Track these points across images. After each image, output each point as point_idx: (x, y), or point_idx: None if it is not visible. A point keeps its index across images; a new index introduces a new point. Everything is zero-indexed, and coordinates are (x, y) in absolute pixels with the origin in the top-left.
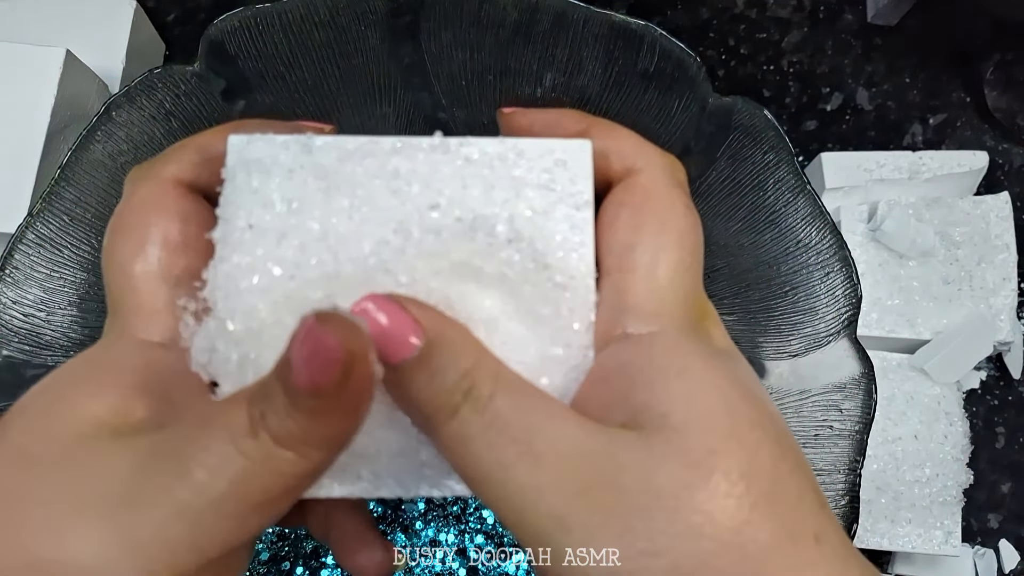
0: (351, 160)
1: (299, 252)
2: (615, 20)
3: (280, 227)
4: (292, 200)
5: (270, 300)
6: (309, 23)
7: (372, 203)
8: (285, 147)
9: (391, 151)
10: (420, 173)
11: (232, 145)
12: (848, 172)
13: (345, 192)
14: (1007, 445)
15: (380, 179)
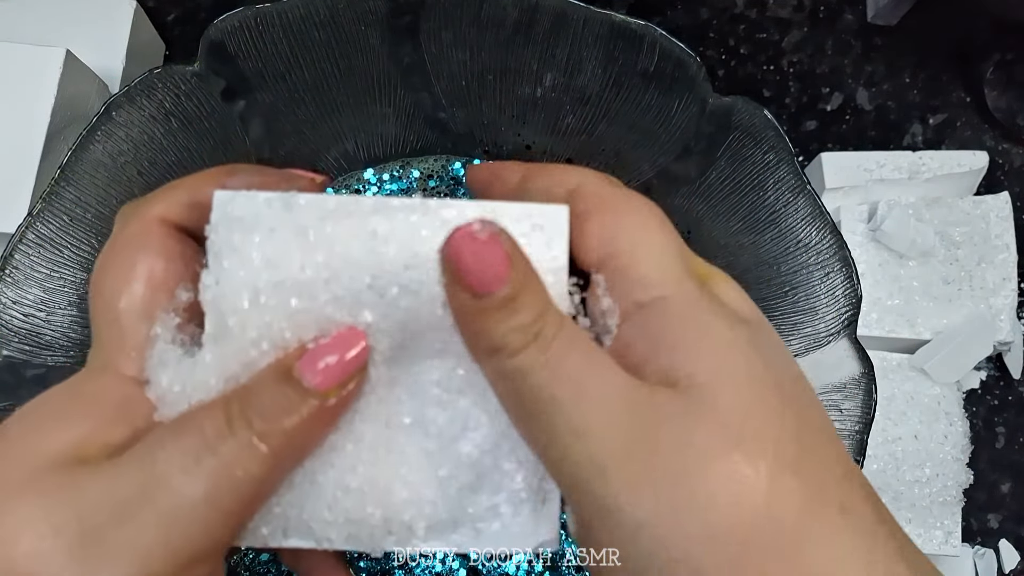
0: (331, 219)
1: (274, 305)
2: (615, 20)
3: (256, 283)
4: (271, 258)
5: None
6: (309, 23)
7: (348, 261)
8: (268, 205)
9: (371, 211)
10: (398, 233)
11: (217, 201)
12: (848, 172)
13: (322, 250)
14: (1007, 445)
15: (358, 239)
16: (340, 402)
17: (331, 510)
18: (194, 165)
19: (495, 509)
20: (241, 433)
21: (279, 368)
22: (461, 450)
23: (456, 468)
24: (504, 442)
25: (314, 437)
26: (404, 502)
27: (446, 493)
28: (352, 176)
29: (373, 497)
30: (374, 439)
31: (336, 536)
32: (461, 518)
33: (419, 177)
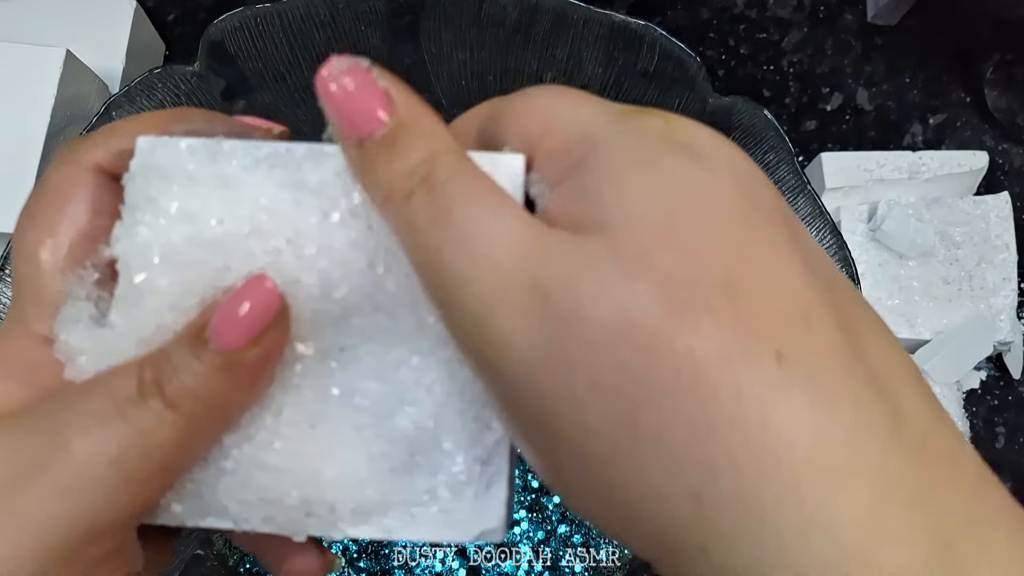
0: (258, 168)
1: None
2: (615, 20)
3: (171, 238)
4: (188, 210)
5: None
6: (309, 23)
7: (272, 215)
8: (191, 153)
9: (302, 158)
10: (328, 185)
11: (139, 147)
12: (848, 172)
13: (245, 202)
14: (1007, 445)
15: (285, 190)
16: (259, 363)
17: (246, 488)
18: None
19: (433, 492)
20: (152, 399)
21: (191, 329)
22: (396, 426)
23: (390, 446)
24: (445, 420)
25: (233, 403)
26: (329, 482)
27: (378, 473)
28: None
29: (293, 476)
30: (296, 413)
31: (253, 517)
32: (394, 501)
33: None
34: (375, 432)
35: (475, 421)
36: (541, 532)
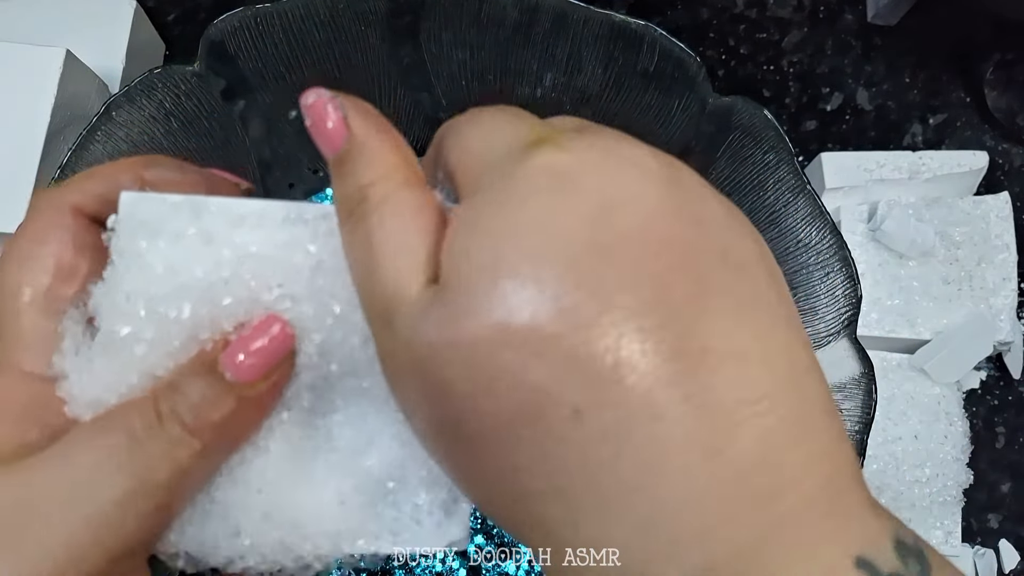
0: (242, 227)
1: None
2: (615, 20)
3: (157, 292)
4: (175, 267)
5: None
6: (309, 23)
7: (255, 273)
8: (176, 209)
9: (283, 220)
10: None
11: (123, 202)
12: (848, 172)
13: (229, 260)
14: (1007, 445)
15: (268, 247)
16: (268, 392)
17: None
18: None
19: (399, 521)
20: (172, 428)
21: (203, 361)
22: (366, 467)
23: (360, 484)
24: (409, 461)
25: (245, 429)
26: (307, 516)
27: (349, 508)
28: None
29: (273, 511)
30: (279, 451)
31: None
32: (366, 531)
33: None
34: (346, 471)
35: None
36: None
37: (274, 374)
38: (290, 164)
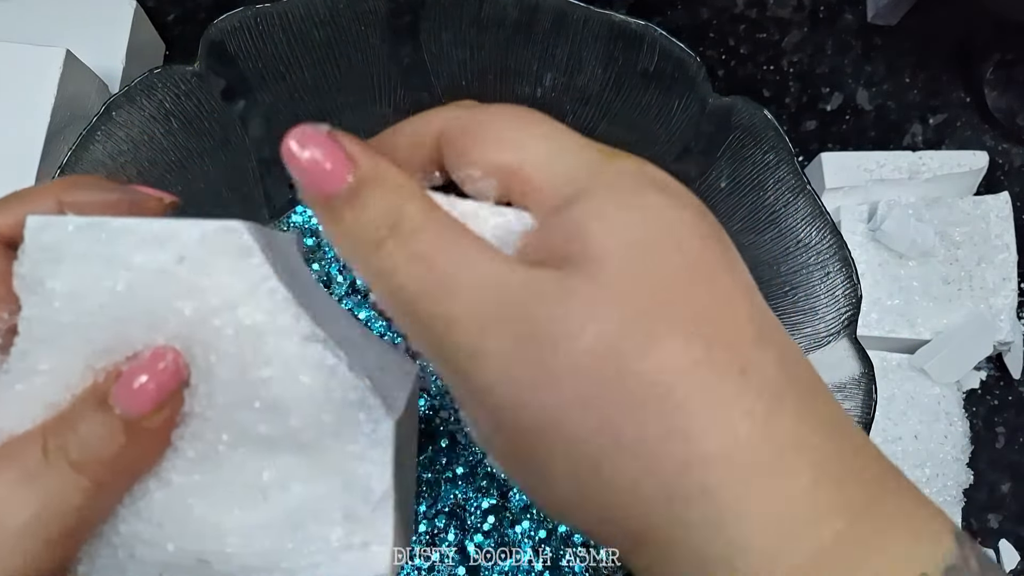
0: (144, 248)
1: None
2: (615, 20)
3: (60, 318)
4: (75, 293)
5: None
6: (309, 23)
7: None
8: (79, 232)
9: (189, 240)
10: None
11: (28, 228)
12: (848, 172)
13: (131, 283)
14: (1007, 445)
15: (174, 268)
16: (163, 425)
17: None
18: (194, 165)
19: (314, 557)
20: (59, 464)
21: (95, 394)
22: (277, 499)
23: (272, 520)
24: (326, 494)
25: (140, 463)
26: (214, 552)
27: (259, 545)
28: None
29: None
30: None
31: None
32: (278, 568)
33: None
34: (255, 506)
35: (350, 492)
36: (542, 531)
37: (167, 407)
38: None
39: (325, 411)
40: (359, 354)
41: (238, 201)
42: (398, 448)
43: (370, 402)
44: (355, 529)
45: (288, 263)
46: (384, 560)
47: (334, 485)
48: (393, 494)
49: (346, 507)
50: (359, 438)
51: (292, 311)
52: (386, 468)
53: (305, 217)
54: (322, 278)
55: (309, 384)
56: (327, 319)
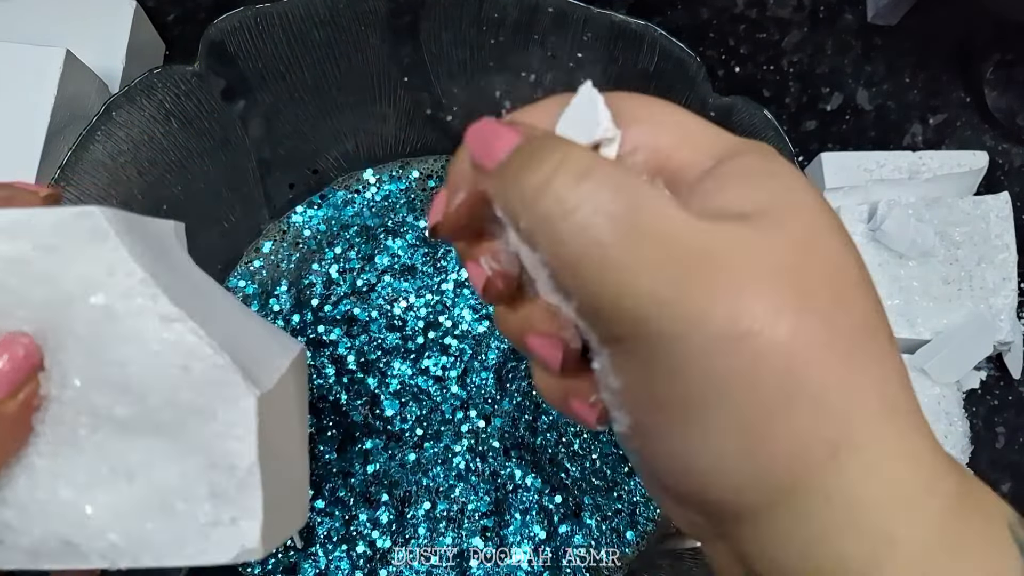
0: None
1: None
2: (615, 20)
3: None
4: None
5: None
6: (309, 23)
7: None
8: None
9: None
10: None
11: None
12: (848, 172)
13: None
14: (1007, 445)
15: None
16: (20, 410)
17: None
18: (194, 165)
19: (181, 536)
20: None
21: None
22: (143, 483)
23: (137, 501)
24: (190, 475)
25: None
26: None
27: (126, 526)
28: (352, 176)
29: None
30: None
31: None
32: (147, 547)
33: (418, 177)
34: (120, 487)
35: (213, 470)
36: (542, 532)
37: (21, 391)
38: (290, 164)
39: (184, 390)
40: (229, 333)
41: (238, 201)
42: (266, 424)
43: (231, 379)
44: (222, 506)
45: (160, 247)
46: (254, 535)
47: (198, 463)
48: (259, 469)
49: (212, 484)
50: (221, 415)
51: (150, 292)
52: (250, 444)
53: (305, 218)
54: (322, 278)
55: (166, 364)
56: (198, 300)
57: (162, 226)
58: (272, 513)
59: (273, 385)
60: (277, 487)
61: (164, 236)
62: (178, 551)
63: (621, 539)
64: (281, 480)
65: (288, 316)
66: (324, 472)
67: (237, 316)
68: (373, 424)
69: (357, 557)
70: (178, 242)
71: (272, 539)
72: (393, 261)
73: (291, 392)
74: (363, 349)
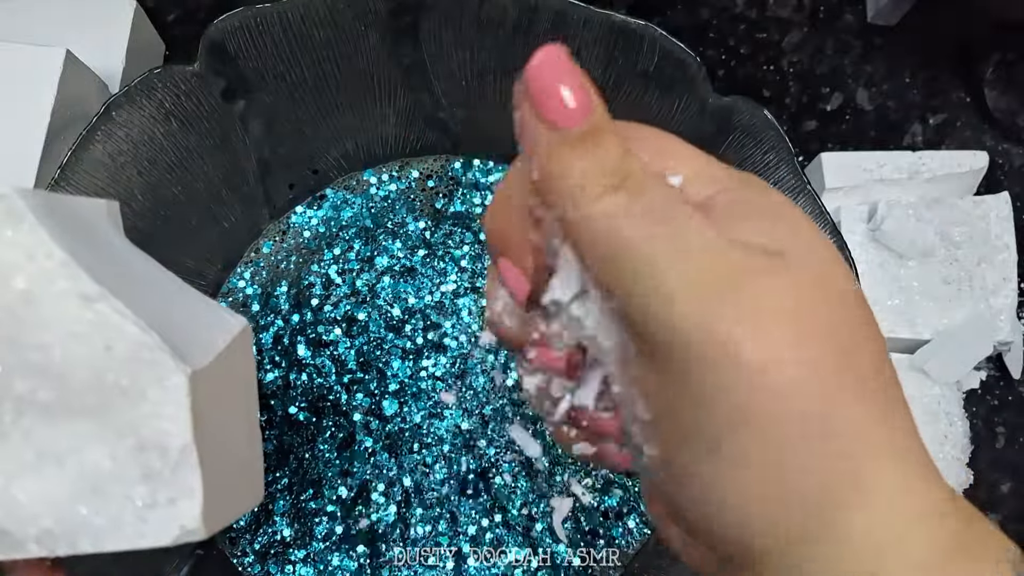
0: None
1: None
2: (615, 20)
3: None
4: None
5: None
6: (309, 23)
7: None
8: None
9: None
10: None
11: None
12: (848, 172)
13: None
14: (1007, 445)
15: None
16: None
17: None
18: (194, 165)
19: (117, 519)
20: None
21: None
22: (74, 468)
23: (70, 486)
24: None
25: None
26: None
27: (59, 511)
28: (352, 176)
29: None
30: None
31: None
32: (85, 531)
33: (418, 177)
34: (54, 475)
35: (145, 451)
36: (541, 532)
37: None
38: (290, 164)
39: (110, 371)
40: (161, 312)
41: (238, 201)
42: (202, 402)
43: (159, 358)
44: (158, 487)
45: (88, 228)
46: (193, 515)
47: (129, 445)
48: (195, 449)
49: (145, 466)
50: (150, 395)
51: (71, 274)
52: (183, 423)
53: (304, 218)
54: (321, 279)
55: (90, 345)
56: (128, 280)
57: (93, 206)
58: (215, 493)
59: (208, 363)
60: (220, 466)
61: (95, 217)
62: (116, 535)
63: (621, 539)
64: (225, 459)
65: (288, 316)
66: (324, 472)
67: (173, 295)
68: (373, 424)
69: (357, 556)
70: (111, 222)
71: (216, 520)
72: (393, 262)
73: (233, 370)
74: (363, 349)
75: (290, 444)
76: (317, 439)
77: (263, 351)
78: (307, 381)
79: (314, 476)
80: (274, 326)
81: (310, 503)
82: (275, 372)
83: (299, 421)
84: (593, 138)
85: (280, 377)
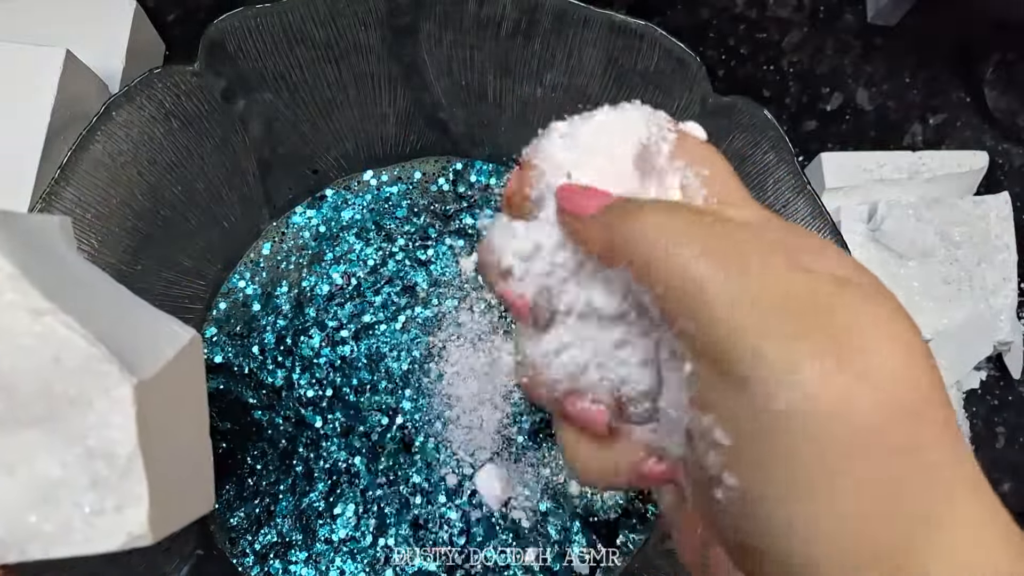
0: None
1: None
2: (615, 20)
3: None
4: None
5: None
6: (309, 23)
7: None
8: None
9: None
10: None
11: None
12: (848, 172)
13: None
14: (1007, 445)
15: None
16: None
17: None
18: (194, 165)
19: (66, 527)
20: None
21: None
22: (23, 477)
23: (19, 495)
24: (71, 466)
25: None
26: None
27: (9, 519)
28: (352, 177)
29: None
30: None
31: None
32: (34, 538)
33: (419, 178)
34: (4, 484)
35: (93, 459)
36: (541, 532)
37: None
38: (290, 164)
39: (58, 382)
40: (110, 324)
41: (238, 201)
42: (148, 412)
43: (106, 369)
44: (106, 494)
45: (38, 243)
46: (140, 521)
47: (78, 453)
48: (140, 456)
49: (93, 473)
50: (97, 405)
51: (20, 287)
52: (129, 432)
53: (304, 219)
54: (322, 279)
55: (38, 357)
56: (78, 294)
57: (44, 222)
58: (162, 499)
59: (155, 373)
60: (168, 473)
61: (45, 232)
62: (65, 541)
63: (620, 538)
64: (174, 467)
65: (288, 317)
66: (333, 472)
67: (124, 308)
68: (378, 423)
69: (360, 556)
70: (63, 237)
71: (164, 526)
72: (393, 263)
73: (182, 380)
74: (364, 350)
75: (294, 444)
76: (328, 440)
77: (265, 351)
78: (310, 381)
79: (320, 476)
80: (276, 326)
81: (313, 504)
82: (278, 372)
83: (302, 421)
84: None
85: (283, 377)
